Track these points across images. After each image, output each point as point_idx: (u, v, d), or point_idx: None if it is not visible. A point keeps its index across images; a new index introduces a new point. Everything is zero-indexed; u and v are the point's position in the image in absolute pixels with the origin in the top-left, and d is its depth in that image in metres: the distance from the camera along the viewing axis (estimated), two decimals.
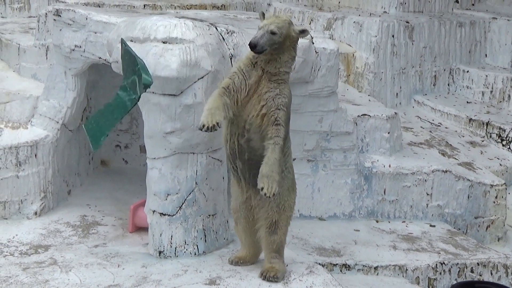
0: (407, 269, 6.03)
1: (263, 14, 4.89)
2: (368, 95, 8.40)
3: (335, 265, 5.93)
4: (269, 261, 5.02)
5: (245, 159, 4.82)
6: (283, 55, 4.80)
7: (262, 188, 4.63)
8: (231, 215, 5.30)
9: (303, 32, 4.83)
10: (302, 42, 6.12)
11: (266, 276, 4.97)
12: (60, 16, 6.27)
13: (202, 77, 5.26)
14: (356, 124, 6.77)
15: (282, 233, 4.99)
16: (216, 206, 5.54)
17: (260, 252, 5.22)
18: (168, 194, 5.34)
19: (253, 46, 4.70)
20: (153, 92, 5.21)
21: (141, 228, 5.91)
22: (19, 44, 7.35)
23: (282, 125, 4.77)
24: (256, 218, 5.01)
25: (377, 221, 6.81)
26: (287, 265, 5.12)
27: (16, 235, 5.88)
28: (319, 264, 5.48)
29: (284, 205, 4.97)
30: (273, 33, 4.70)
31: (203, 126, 4.58)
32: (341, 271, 5.91)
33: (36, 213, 6.18)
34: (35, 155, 6.21)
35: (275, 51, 4.76)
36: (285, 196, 4.97)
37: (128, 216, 6.01)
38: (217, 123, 4.59)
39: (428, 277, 6.09)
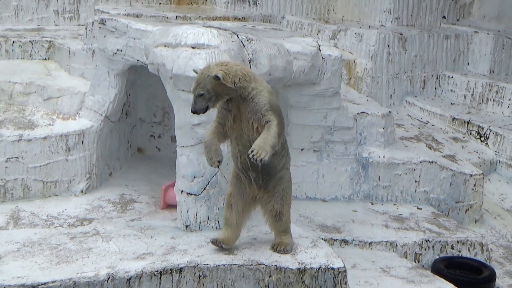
0: (397, 245, 6.02)
1: (196, 72, 4.63)
2: (366, 96, 8.34)
3: (335, 240, 5.93)
4: (279, 237, 5.00)
5: (258, 170, 4.69)
6: (229, 93, 4.49)
7: (252, 154, 4.37)
8: None
9: (216, 78, 4.39)
10: (310, 49, 6.14)
11: (277, 249, 4.96)
12: (105, 24, 6.29)
13: None
14: (356, 120, 6.74)
15: (286, 218, 4.94)
16: None
17: (238, 237, 4.99)
18: (194, 177, 5.35)
19: (194, 113, 4.54)
20: (183, 90, 5.23)
21: (171, 206, 5.94)
22: (69, 48, 7.37)
23: (270, 115, 4.47)
24: (262, 209, 4.93)
25: (372, 204, 6.80)
26: (294, 240, 5.10)
27: (65, 209, 5.93)
28: (322, 239, 5.47)
29: (287, 196, 4.91)
30: (200, 95, 4.45)
31: (211, 166, 4.64)
32: (340, 245, 5.92)
33: (82, 191, 6.23)
34: (82, 142, 6.24)
35: (219, 98, 4.50)
36: (288, 188, 4.91)
37: (160, 195, 6.03)
38: (219, 161, 4.58)
39: (415, 252, 6.08)
